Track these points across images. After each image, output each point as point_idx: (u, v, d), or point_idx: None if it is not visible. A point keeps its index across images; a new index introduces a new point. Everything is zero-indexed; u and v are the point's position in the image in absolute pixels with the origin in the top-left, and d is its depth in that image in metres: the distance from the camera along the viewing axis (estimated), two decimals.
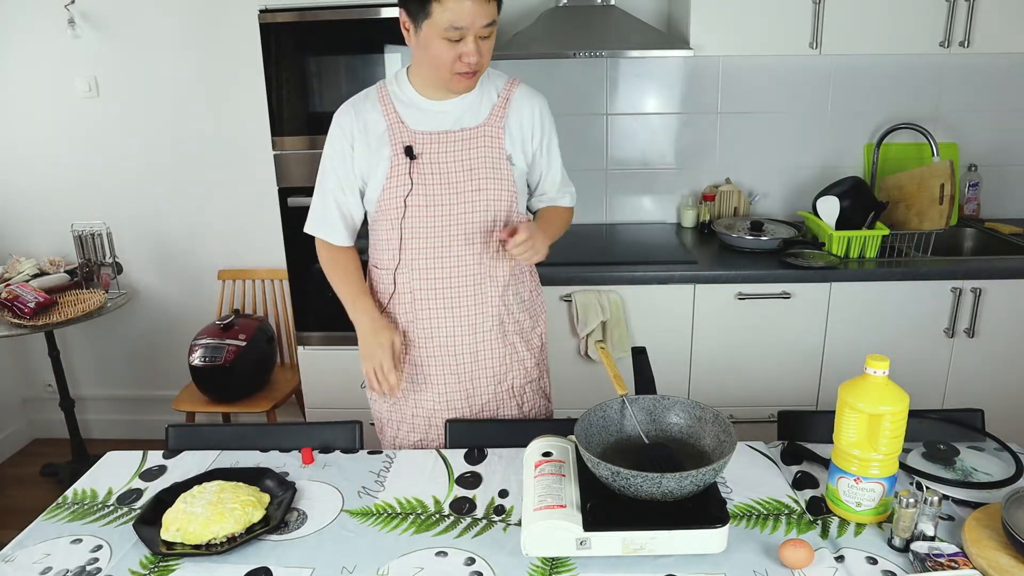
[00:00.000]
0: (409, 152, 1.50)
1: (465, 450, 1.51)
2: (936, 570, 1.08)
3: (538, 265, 1.79)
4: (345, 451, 1.52)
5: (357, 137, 1.53)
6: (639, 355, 1.43)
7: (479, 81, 1.54)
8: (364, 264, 1.68)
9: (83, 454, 2.96)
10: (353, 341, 2.09)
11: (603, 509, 1.16)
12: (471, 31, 1.38)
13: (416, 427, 1.67)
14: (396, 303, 1.61)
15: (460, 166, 1.51)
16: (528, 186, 1.67)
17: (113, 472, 1.48)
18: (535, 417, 1.73)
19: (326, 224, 1.61)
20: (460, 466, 1.45)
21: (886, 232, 2.43)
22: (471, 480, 1.40)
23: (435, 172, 1.51)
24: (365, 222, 1.66)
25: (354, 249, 1.66)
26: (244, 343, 2.66)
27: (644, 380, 1.38)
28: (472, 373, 1.63)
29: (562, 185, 1.69)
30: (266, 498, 1.33)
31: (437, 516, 1.30)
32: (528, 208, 1.71)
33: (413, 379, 1.64)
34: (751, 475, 1.38)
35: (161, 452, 1.54)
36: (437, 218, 1.52)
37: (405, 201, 1.51)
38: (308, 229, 1.64)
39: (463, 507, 1.32)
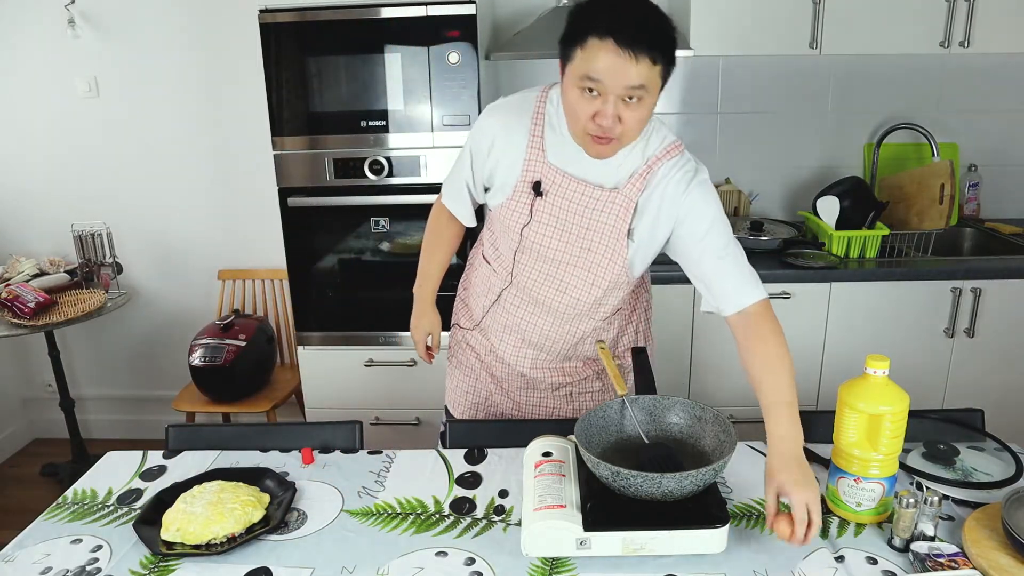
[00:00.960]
0: (536, 188, 1.39)
1: (465, 450, 1.51)
2: (936, 570, 1.08)
3: None
4: (345, 451, 1.52)
5: (497, 145, 1.42)
6: (639, 355, 1.43)
7: (634, 143, 1.36)
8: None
9: (83, 454, 2.95)
10: (353, 341, 2.09)
11: (603, 509, 1.16)
12: (611, 89, 1.20)
13: (473, 393, 1.70)
14: (496, 309, 1.60)
15: (579, 222, 1.39)
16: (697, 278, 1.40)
17: (113, 472, 1.48)
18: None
19: (457, 203, 1.59)
20: (460, 466, 1.45)
21: (886, 232, 2.43)
22: (471, 480, 1.40)
23: (554, 215, 1.39)
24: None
25: (461, 234, 1.68)
26: (244, 343, 2.66)
27: (644, 380, 1.38)
28: (532, 378, 1.64)
29: (737, 276, 1.33)
30: (266, 498, 1.33)
31: (437, 516, 1.30)
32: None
33: (481, 357, 1.67)
34: (751, 475, 1.38)
35: (161, 452, 1.54)
36: (542, 260, 1.45)
37: (522, 232, 1.43)
38: (443, 200, 1.62)
39: (463, 507, 1.32)
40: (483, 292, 1.62)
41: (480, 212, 1.64)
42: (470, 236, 1.87)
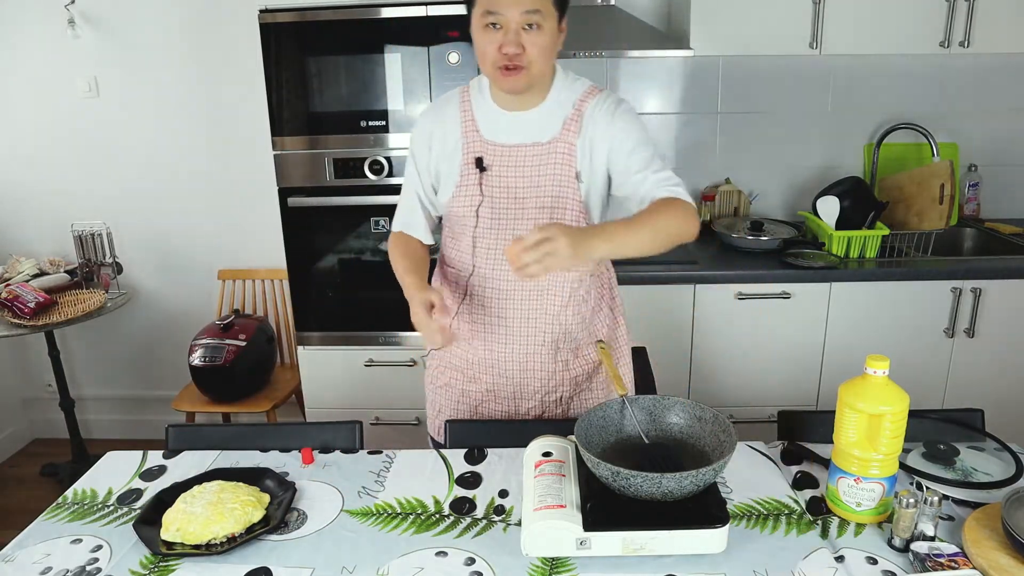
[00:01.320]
0: (479, 164, 1.47)
1: (465, 450, 1.51)
2: (936, 570, 1.08)
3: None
4: (345, 451, 1.52)
5: (435, 138, 1.51)
6: (639, 355, 1.42)
7: (557, 90, 1.47)
8: (433, 263, 1.66)
9: (83, 454, 2.96)
10: (353, 341, 2.09)
11: (603, 509, 1.16)
12: (509, 19, 1.33)
13: (459, 413, 1.67)
14: (466, 304, 1.59)
15: (528, 182, 1.46)
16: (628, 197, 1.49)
17: (113, 472, 1.48)
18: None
19: (412, 221, 1.60)
20: (460, 466, 1.45)
21: (886, 232, 2.43)
22: (471, 480, 1.40)
23: (504, 186, 1.47)
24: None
25: (426, 251, 1.62)
26: (244, 343, 2.66)
27: (644, 380, 1.38)
28: (520, 381, 1.60)
29: (656, 179, 1.42)
30: (266, 498, 1.33)
31: (437, 516, 1.30)
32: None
33: (464, 372, 1.63)
34: (751, 475, 1.38)
35: (161, 452, 1.54)
36: (504, 231, 1.48)
37: (477, 212, 1.48)
38: (395, 228, 1.63)
39: (463, 507, 1.32)
40: (450, 296, 1.60)
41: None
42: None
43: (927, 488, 1.22)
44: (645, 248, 1.31)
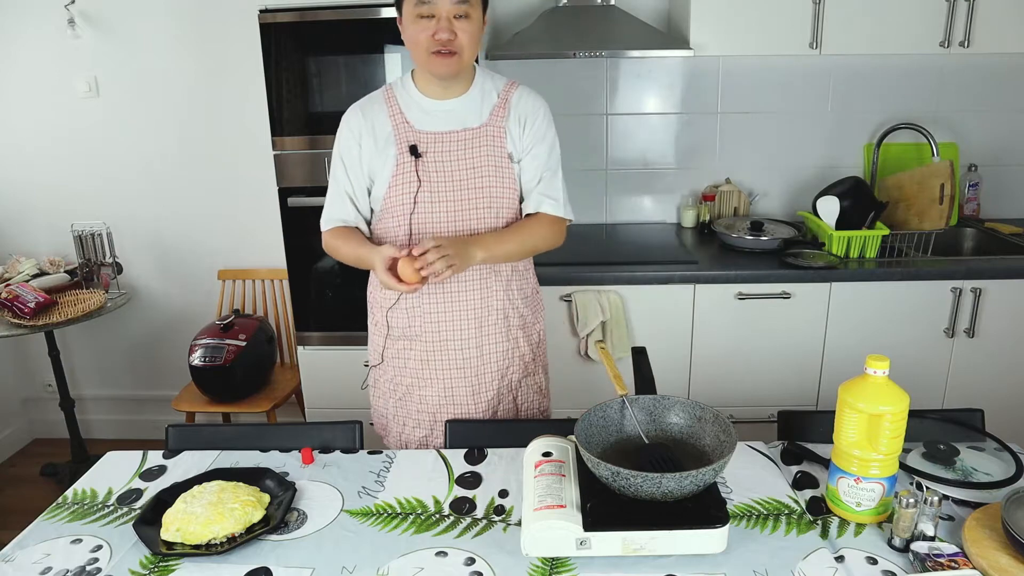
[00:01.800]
0: (414, 151, 1.54)
1: (465, 450, 1.51)
2: (936, 570, 1.08)
3: (536, 264, 1.80)
4: (345, 451, 1.52)
5: (364, 136, 1.56)
6: (639, 355, 1.43)
7: (480, 81, 1.58)
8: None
9: (83, 454, 2.95)
10: (353, 341, 2.08)
11: (603, 509, 1.16)
12: (442, 8, 1.43)
13: (421, 423, 1.68)
14: (404, 298, 1.62)
15: (464, 164, 1.55)
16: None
17: (113, 472, 1.48)
18: (529, 413, 1.74)
19: (344, 217, 1.64)
20: (460, 466, 1.45)
21: (886, 232, 2.43)
22: (471, 480, 1.40)
23: (440, 171, 1.54)
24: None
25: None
26: (244, 343, 2.66)
27: (644, 380, 1.38)
28: (478, 367, 1.65)
29: (544, 188, 1.61)
30: (266, 498, 1.33)
31: (437, 516, 1.30)
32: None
33: (419, 375, 1.65)
34: (751, 475, 1.38)
35: (161, 452, 1.54)
36: (444, 214, 1.55)
37: (415, 198, 1.54)
38: (324, 227, 1.66)
39: (463, 507, 1.32)
40: (384, 296, 1.65)
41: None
42: None
43: (927, 488, 1.22)
44: (512, 257, 1.60)
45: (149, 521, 1.27)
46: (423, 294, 1.60)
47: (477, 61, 1.62)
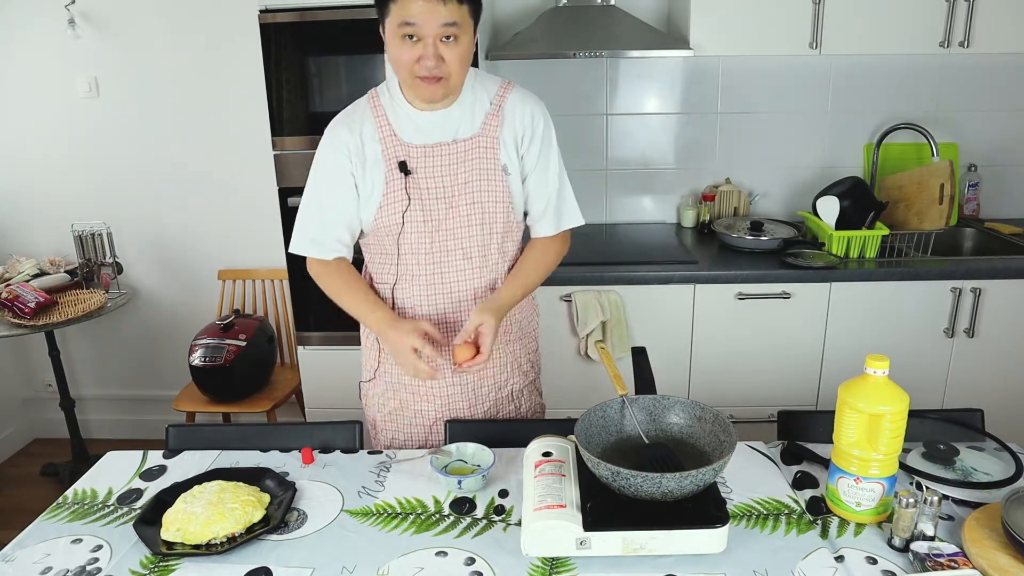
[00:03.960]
0: (404, 168, 1.44)
1: None
2: (936, 570, 1.08)
3: None
4: (345, 451, 1.52)
5: (354, 151, 1.46)
6: (639, 355, 1.43)
7: (471, 87, 1.47)
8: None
9: (83, 454, 2.96)
10: (353, 341, 2.08)
11: (603, 509, 1.16)
12: (428, 31, 1.31)
13: (413, 436, 1.66)
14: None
15: (455, 179, 1.46)
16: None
17: (113, 472, 1.48)
18: (531, 415, 1.73)
19: (323, 242, 1.51)
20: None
21: (886, 232, 2.43)
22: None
23: (431, 187, 1.46)
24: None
25: (348, 261, 1.56)
26: (244, 343, 2.66)
27: (644, 380, 1.38)
28: (475, 382, 1.61)
29: (557, 208, 1.55)
30: (266, 498, 1.33)
31: (437, 516, 1.30)
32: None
33: (415, 391, 1.62)
34: (751, 475, 1.38)
35: (161, 452, 1.54)
36: (434, 232, 1.48)
37: (403, 216, 1.46)
38: (299, 249, 1.53)
39: (463, 507, 1.32)
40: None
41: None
42: None
43: (927, 488, 1.22)
44: (531, 293, 1.60)
45: (149, 521, 1.27)
46: (417, 314, 1.54)
47: (476, 63, 1.57)
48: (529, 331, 1.69)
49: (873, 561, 1.14)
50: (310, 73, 2.37)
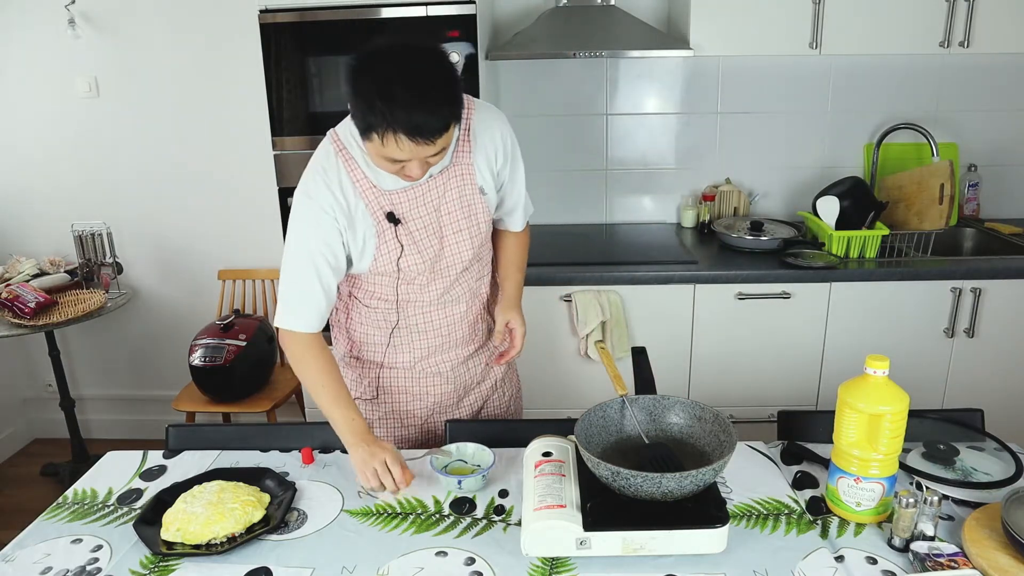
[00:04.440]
0: (391, 218, 1.41)
1: None
2: (936, 570, 1.08)
3: (536, 264, 1.81)
4: (345, 451, 1.52)
5: (340, 212, 1.38)
6: (639, 355, 1.43)
7: None
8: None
9: (83, 454, 2.96)
10: None
11: (603, 509, 1.16)
12: (414, 162, 1.26)
13: (407, 438, 1.67)
14: (395, 335, 1.59)
15: (439, 213, 1.45)
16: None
17: (113, 472, 1.48)
18: (511, 399, 1.76)
19: (306, 313, 1.42)
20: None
21: (886, 232, 2.43)
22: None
23: (418, 228, 1.43)
24: None
25: (322, 336, 1.47)
26: (244, 343, 2.66)
27: (644, 380, 1.38)
28: (466, 381, 1.66)
29: (524, 206, 1.63)
30: (266, 498, 1.33)
31: (437, 516, 1.30)
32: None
33: (407, 391, 1.63)
34: (751, 475, 1.38)
35: (161, 452, 1.54)
36: (428, 263, 1.47)
37: (398, 264, 1.45)
38: (286, 324, 1.43)
39: (463, 507, 1.32)
40: (373, 331, 1.59)
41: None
42: None
43: (927, 488, 1.22)
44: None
45: (149, 521, 1.27)
46: (414, 333, 1.57)
47: (476, 64, 1.58)
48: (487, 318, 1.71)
49: (873, 561, 1.14)
50: (310, 73, 2.37)
